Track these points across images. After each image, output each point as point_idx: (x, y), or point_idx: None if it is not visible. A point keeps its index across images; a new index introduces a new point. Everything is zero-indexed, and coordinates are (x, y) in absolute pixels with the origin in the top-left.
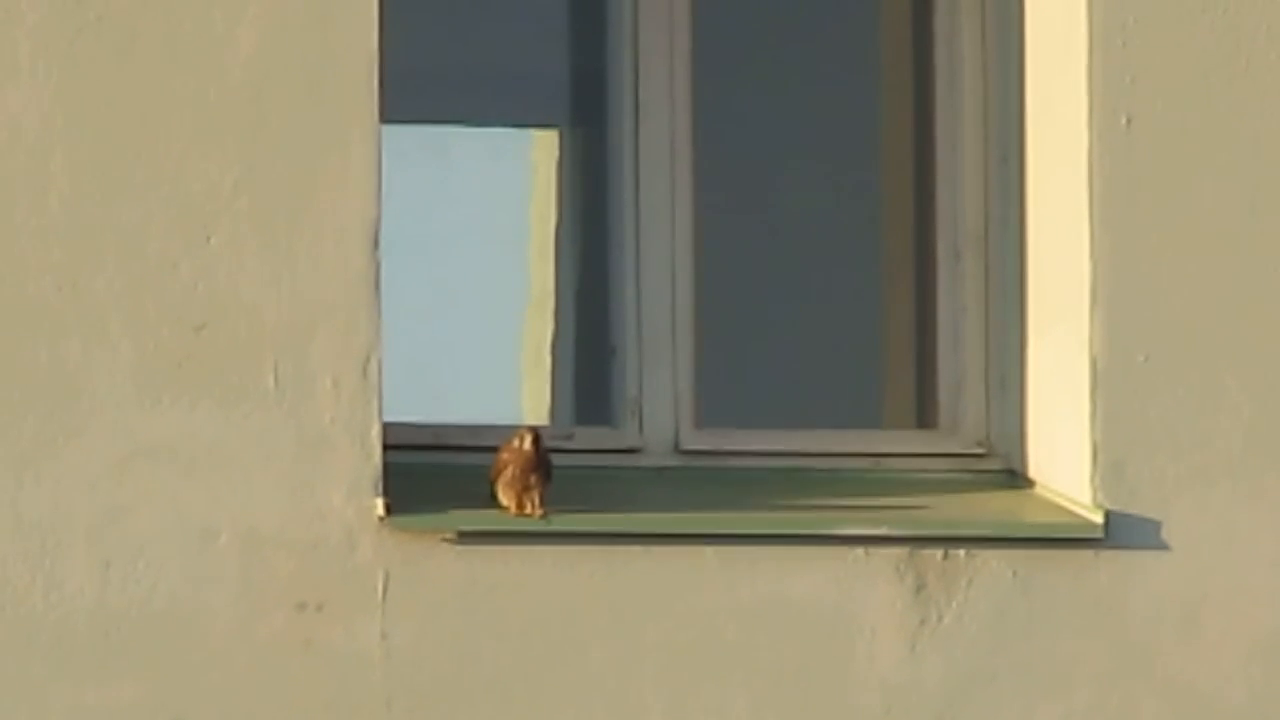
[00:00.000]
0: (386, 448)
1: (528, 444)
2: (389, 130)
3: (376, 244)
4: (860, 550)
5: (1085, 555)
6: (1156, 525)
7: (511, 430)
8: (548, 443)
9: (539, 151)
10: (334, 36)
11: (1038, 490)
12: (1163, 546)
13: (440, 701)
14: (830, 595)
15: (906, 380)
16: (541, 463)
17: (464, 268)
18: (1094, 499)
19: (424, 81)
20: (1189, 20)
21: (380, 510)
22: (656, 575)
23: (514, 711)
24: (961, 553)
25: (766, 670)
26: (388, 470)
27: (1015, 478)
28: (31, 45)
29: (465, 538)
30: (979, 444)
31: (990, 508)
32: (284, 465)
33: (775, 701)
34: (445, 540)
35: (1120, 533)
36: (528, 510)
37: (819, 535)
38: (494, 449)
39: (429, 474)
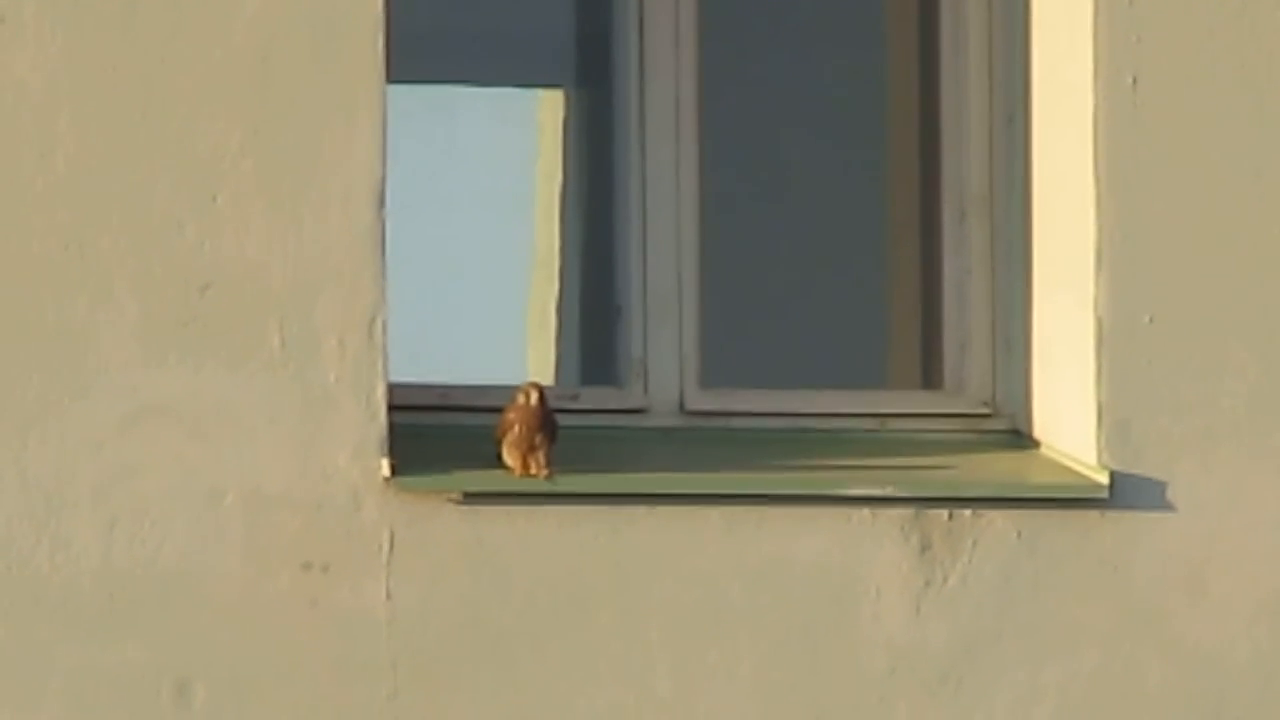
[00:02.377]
0: (392, 408)
1: (533, 399)
2: (395, 90)
3: (382, 204)
4: (865, 510)
5: (1090, 516)
6: (1162, 486)
7: (517, 391)
8: (553, 403)
9: (545, 112)
10: None
11: (1043, 451)
12: (1168, 507)
13: (445, 662)
14: (835, 556)
15: (912, 341)
16: (547, 421)
17: (469, 228)
18: (1099, 459)
19: (430, 42)
20: None
21: (386, 471)
22: (661, 536)
23: (519, 672)
24: (967, 513)
25: (772, 631)
26: (393, 431)
27: (1020, 438)
28: (37, 6)
29: (471, 498)
30: (984, 404)
31: (995, 468)
32: (289, 425)
33: (780, 662)
34: (451, 501)
35: (1125, 493)
36: (533, 471)
37: (824, 496)
38: (499, 409)
39: (434, 434)
